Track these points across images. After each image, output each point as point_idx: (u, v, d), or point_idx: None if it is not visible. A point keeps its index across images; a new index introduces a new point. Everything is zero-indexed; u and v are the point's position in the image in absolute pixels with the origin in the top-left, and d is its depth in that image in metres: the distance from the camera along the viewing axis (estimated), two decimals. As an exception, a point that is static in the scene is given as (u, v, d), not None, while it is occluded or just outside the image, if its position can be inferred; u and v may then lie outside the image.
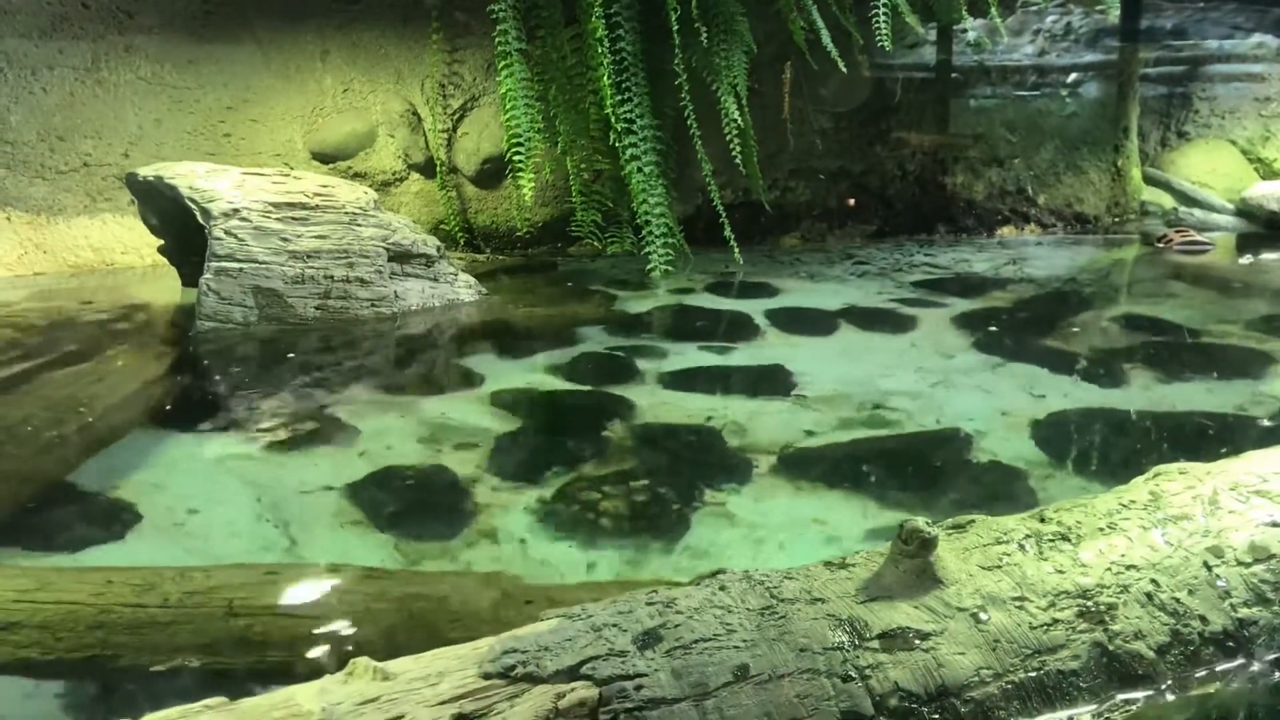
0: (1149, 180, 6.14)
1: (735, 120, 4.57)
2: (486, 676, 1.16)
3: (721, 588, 1.28)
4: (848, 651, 1.19)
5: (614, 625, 1.21)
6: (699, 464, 2.83)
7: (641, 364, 3.60)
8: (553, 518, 2.50)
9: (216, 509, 2.56)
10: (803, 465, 2.81)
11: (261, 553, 2.33)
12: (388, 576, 2.02)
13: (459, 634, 1.72)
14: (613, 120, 4.49)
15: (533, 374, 3.50)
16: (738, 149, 4.61)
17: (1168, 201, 6.09)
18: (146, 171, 3.72)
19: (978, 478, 2.75)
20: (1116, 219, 5.94)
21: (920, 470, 2.86)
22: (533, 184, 4.55)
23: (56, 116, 4.85)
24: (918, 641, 1.21)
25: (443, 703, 1.13)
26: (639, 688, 1.13)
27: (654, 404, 3.23)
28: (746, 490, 2.67)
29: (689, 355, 3.71)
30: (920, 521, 1.27)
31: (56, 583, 1.74)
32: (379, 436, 2.98)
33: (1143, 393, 3.33)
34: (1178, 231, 5.61)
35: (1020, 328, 4.15)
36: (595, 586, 2.13)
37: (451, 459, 2.83)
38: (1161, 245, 5.53)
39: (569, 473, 2.75)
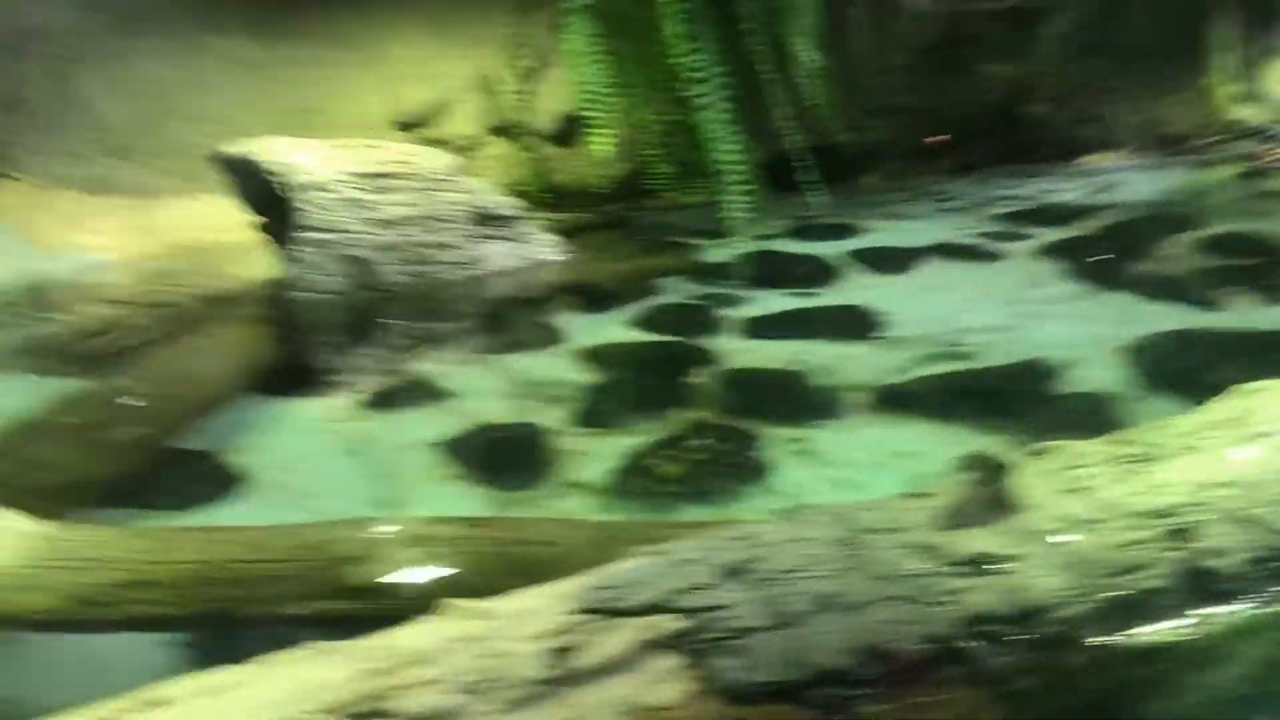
0: (1238, 97, 5.93)
1: (810, 61, 4.53)
2: (579, 611, 1.21)
3: (802, 521, 1.32)
4: (929, 578, 1.22)
5: (698, 560, 1.26)
6: (786, 406, 2.86)
7: (724, 312, 3.62)
8: (641, 465, 2.55)
9: (320, 468, 2.67)
10: (892, 402, 2.82)
11: (366, 508, 2.42)
12: (490, 524, 2.10)
13: (561, 573, 1.79)
14: (684, 69, 4.48)
15: (617, 327, 3.55)
16: (813, 90, 4.57)
17: (1259, 118, 5.88)
18: (232, 149, 3.84)
19: (1068, 406, 2.74)
20: (1206, 139, 5.76)
21: (1010, 401, 2.85)
22: (607, 140, 4.57)
23: (148, 101, 5.01)
24: (998, 566, 1.23)
25: (537, 638, 1.19)
26: (725, 618, 1.18)
27: (738, 350, 3.26)
28: (834, 429, 2.70)
29: (772, 301, 3.73)
30: (994, 450, 1.29)
31: (172, 544, 1.84)
32: (470, 394, 3.06)
33: (1239, 315, 3.25)
34: (1269, 149, 5.43)
35: (1110, 255, 4.07)
36: (686, 526, 2.18)
37: (540, 414, 2.90)
38: (1254, 163, 5.35)
39: (656, 421, 2.80)
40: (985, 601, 1.20)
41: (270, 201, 3.97)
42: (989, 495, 1.29)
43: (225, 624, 1.76)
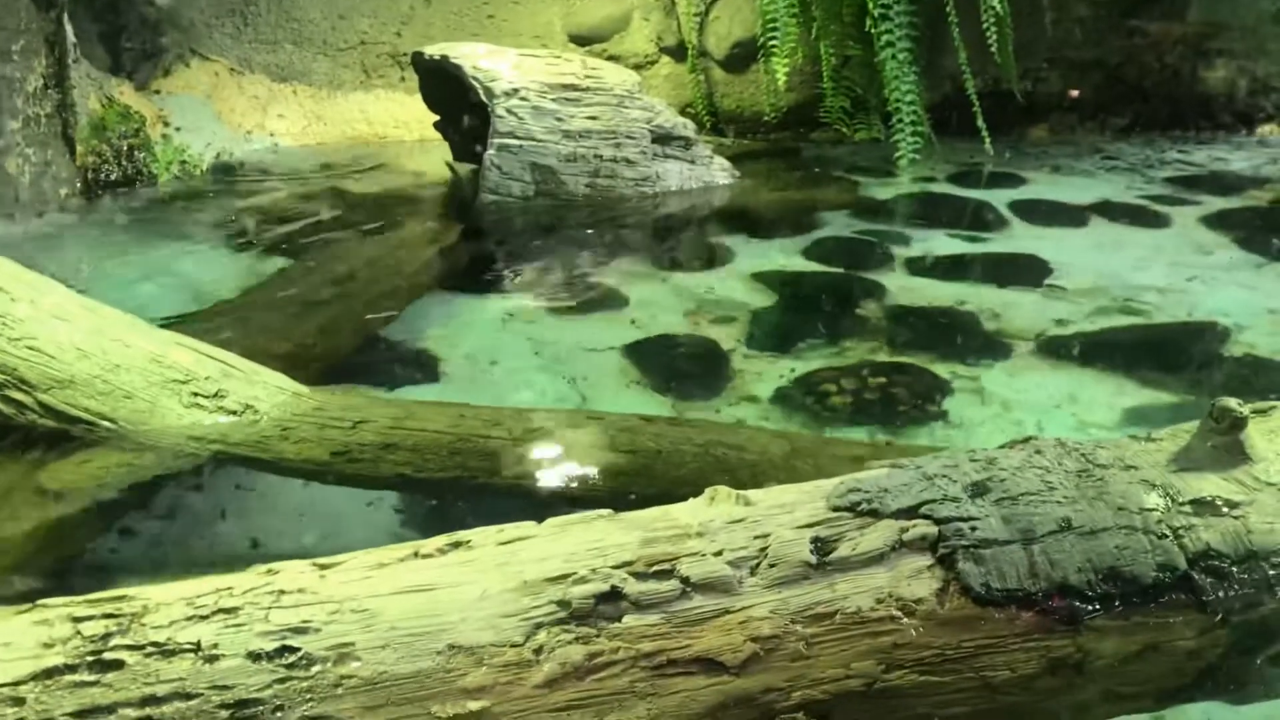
0: None
1: (994, 6, 4.51)
2: (835, 509, 1.34)
3: (1038, 451, 1.42)
4: (1162, 513, 1.31)
5: (944, 475, 1.37)
6: (953, 343, 2.94)
7: (889, 249, 3.69)
8: (813, 388, 2.66)
9: (510, 363, 2.84)
10: (1058, 349, 2.88)
11: (559, 403, 2.59)
12: (689, 425, 2.23)
13: (757, 479, 1.93)
14: (870, 5, 4.50)
15: (784, 255, 3.65)
16: (994, 36, 4.55)
17: None
18: (432, 50, 3.99)
19: (1236, 369, 2.78)
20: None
21: (1176, 359, 2.90)
22: (786, 68, 4.62)
23: (338, -4, 5.20)
24: (1227, 509, 1.33)
25: (800, 527, 1.31)
26: (973, 529, 1.29)
27: (904, 287, 3.34)
28: (1001, 369, 2.78)
29: (936, 242, 3.78)
30: (1232, 401, 1.37)
31: (420, 413, 2.02)
32: (646, 305, 3.20)
33: None
34: None
35: (1283, 228, 4.02)
36: (871, 446, 2.29)
37: (713, 330, 3.03)
38: None
39: (827, 347, 2.91)
40: (1214, 540, 1.30)
41: (455, 104, 4.13)
42: (1220, 444, 1.37)
43: (466, 490, 1.93)
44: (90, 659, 1.14)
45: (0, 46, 3.45)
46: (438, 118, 4.43)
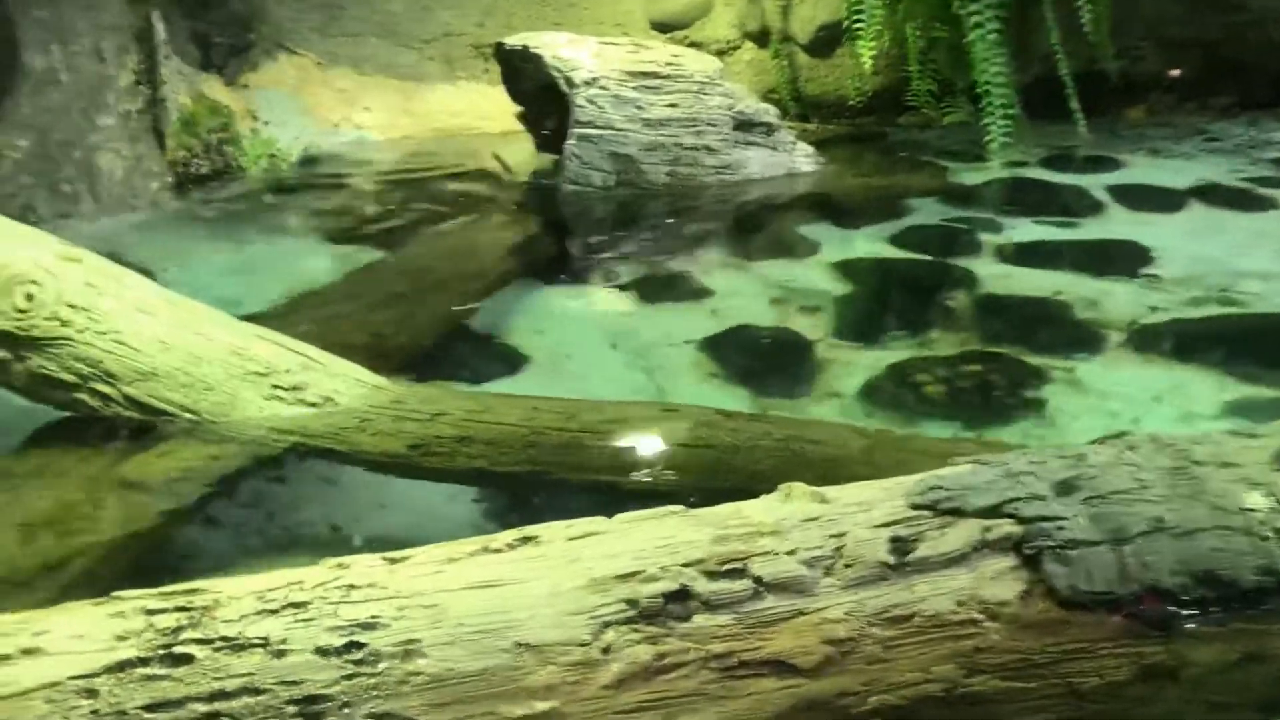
0: None
1: (1089, -17, 4.37)
2: (915, 507, 1.29)
3: (1130, 447, 1.36)
4: (1264, 513, 1.25)
5: (1029, 473, 1.32)
6: (1046, 334, 2.85)
7: (979, 236, 3.60)
8: (900, 380, 2.60)
9: (590, 354, 2.82)
10: (1155, 340, 2.78)
11: (635, 396, 2.56)
12: (767, 419, 2.20)
13: (837, 475, 1.88)
14: (959, -14, 4.40)
15: (871, 243, 3.58)
16: (1088, 14, 4.40)
17: None
18: (513, 40, 4.00)
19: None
20: None
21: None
22: (872, 51, 4.54)
23: (419, -14, 5.24)
24: (1336, 511, 1.26)
25: (877, 526, 1.27)
26: (1060, 528, 1.24)
27: (995, 275, 3.25)
28: (1097, 361, 2.68)
29: (1029, 229, 3.68)
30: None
31: (496, 406, 2.02)
32: (728, 296, 3.16)
33: None
34: None
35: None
36: (955, 442, 2.23)
37: (798, 320, 2.97)
38: None
39: (914, 338, 2.84)
40: (1321, 543, 1.23)
41: (537, 93, 4.13)
42: (1329, 442, 1.30)
43: (541, 484, 1.92)
44: (161, 652, 1.14)
45: (93, 44, 3.53)
46: (520, 109, 4.44)
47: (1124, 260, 3.35)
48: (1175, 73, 5.29)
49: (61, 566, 1.68)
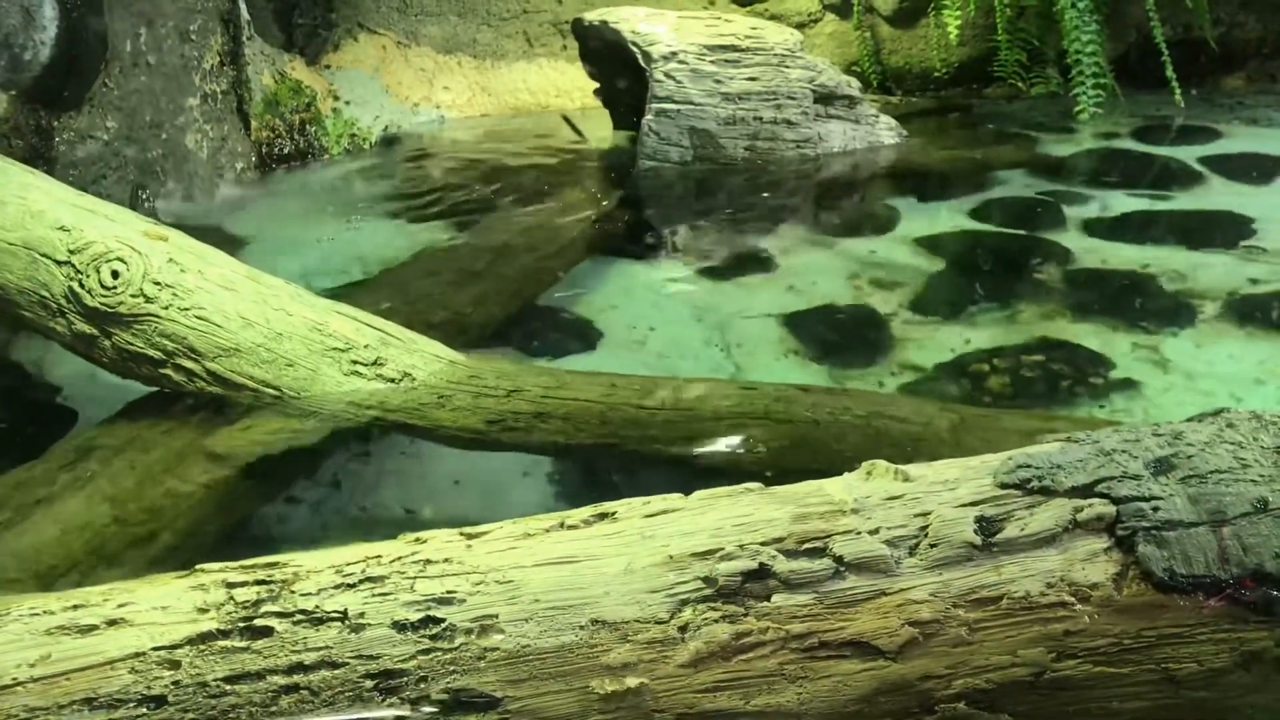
0: None
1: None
2: (1003, 486, 1.25)
3: (1230, 425, 1.30)
4: (1376, 495, 1.19)
5: (1123, 451, 1.26)
6: (1139, 309, 2.77)
7: (1068, 210, 3.50)
8: (985, 358, 2.54)
9: (668, 330, 2.80)
10: (1256, 315, 2.68)
11: (713, 372, 2.54)
12: (849, 395, 2.16)
13: (921, 454, 1.84)
14: (1047, -48, 4.27)
15: (956, 216, 3.50)
16: (1185, -21, 4.25)
17: None
18: (592, 16, 3.97)
19: None
20: None
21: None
22: (958, 21, 4.43)
23: (497, -37, 5.23)
24: None
25: (963, 505, 1.23)
26: (1155, 509, 1.19)
27: (1084, 249, 3.16)
28: (1191, 339, 2.60)
29: (1120, 201, 3.57)
30: None
31: (572, 383, 2.00)
32: (807, 272, 3.11)
33: None
34: None
35: None
36: (1045, 418, 2.17)
37: (877, 297, 2.92)
38: None
39: (998, 312, 2.78)
40: None
41: (616, 68, 4.10)
42: None
43: (618, 459, 1.91)
44: (242, 625, 1.15)
45: (178, 26, 3.58)
46: (598, 85, 4.41)
47: (1222, 232, 3.25)
48: None
49: (149, 541, 1.71)
